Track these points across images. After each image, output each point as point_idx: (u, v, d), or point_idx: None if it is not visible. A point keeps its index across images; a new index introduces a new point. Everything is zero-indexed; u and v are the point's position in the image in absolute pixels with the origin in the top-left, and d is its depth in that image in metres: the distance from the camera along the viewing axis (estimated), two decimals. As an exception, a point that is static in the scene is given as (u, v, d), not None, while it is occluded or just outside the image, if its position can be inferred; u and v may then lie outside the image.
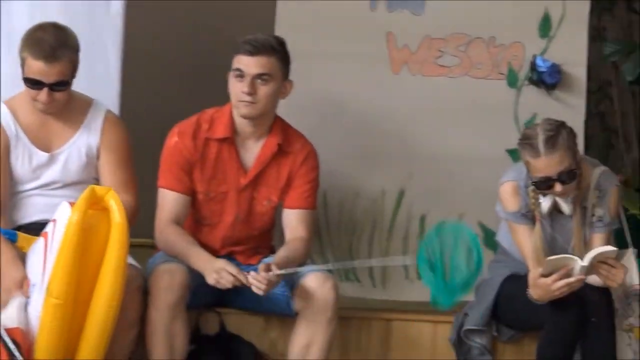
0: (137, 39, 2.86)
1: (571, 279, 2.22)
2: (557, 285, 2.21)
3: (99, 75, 2.58)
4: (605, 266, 2.27)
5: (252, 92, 2.30)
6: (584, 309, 2.30)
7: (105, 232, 2.13)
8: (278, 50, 2.35)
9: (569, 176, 2.31)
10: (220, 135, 2.37)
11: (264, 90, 2.31)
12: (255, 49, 2.31)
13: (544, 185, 2.31)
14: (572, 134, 2.38)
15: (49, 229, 2.16)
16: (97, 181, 2.37)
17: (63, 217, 2.12)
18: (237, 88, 2.32)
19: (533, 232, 2.39)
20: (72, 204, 2.12)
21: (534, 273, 2.27)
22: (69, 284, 2.07)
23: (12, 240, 2.30)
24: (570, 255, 2.30)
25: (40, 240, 2.19)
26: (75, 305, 2.12)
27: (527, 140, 2.33)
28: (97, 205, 2.13)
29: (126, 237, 2.12)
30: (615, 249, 2.34)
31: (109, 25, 2.66)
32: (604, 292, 2.32)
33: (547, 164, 2.27)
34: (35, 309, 2.14)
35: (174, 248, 2.32)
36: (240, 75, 2.31)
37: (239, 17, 3.07)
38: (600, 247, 2.32)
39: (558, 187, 2.28)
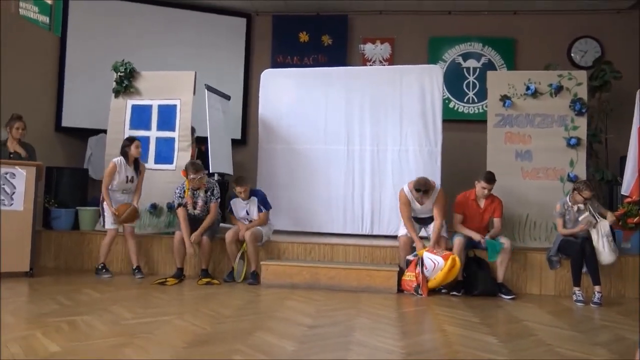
0: None
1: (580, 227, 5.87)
2: (567, 232, 5.94)
3: None
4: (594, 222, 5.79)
5: None
6: (585, 245, 5.77)
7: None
8: None
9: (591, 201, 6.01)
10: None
11: None
12: None
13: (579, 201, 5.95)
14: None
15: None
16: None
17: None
18: None
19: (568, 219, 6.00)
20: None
21: (561, 230, 5.96)
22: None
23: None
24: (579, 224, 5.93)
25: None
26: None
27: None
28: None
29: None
30: (595, 220, 5.81)
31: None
32: (589, 238, 5.82)
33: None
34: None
35: None
36: None
37: None
38: (589, 218, 5.84)
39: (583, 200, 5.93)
